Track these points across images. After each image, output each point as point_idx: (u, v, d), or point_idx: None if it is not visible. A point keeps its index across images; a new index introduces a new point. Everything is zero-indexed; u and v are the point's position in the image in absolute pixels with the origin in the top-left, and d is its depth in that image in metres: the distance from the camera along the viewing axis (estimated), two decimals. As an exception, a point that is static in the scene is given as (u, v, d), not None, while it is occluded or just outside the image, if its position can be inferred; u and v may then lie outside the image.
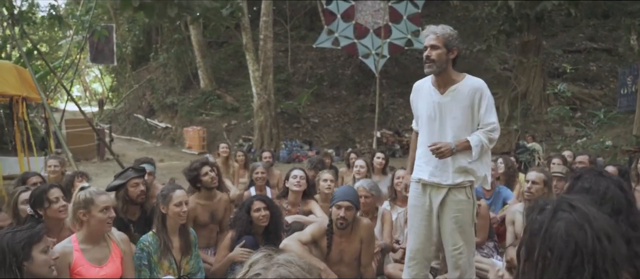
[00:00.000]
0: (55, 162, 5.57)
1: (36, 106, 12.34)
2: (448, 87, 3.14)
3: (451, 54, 3.10)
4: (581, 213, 1.29)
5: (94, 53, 15.79)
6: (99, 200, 2.91)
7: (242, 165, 7.09)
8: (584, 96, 15.18)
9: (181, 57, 20.27)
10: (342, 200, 3.47)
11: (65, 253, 2.86)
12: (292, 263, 1.14)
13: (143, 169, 4.22)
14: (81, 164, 12.62)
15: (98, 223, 2.91)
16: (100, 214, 2.90)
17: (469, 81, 3.15)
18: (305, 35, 20.49)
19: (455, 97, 3.11)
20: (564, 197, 1.35)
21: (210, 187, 4.30)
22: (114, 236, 3.09)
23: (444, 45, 3.08)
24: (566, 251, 1.23)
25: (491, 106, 3.14)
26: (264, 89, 14.61)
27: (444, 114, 3.13)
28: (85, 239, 2.94)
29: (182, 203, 3.39)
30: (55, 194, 3.35)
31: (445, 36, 3.09)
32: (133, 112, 22.24)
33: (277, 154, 13.81)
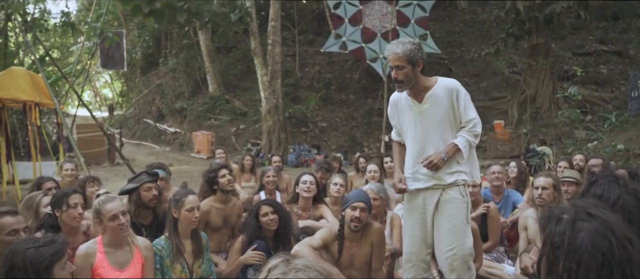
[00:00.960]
0: (71, 165, 5.64)
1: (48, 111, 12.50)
2: (423, 95, 3.18)
3: (417, 67, 3.12)
4: (601, 221, 1.26)
5: (105, 59, 15.93)
6: (105, 209, 2.95)
7: (248, 169, 7.12)
8: (594, 99, 15.07)
9: (190, 62, 20.40)
10: (357, 201, 3.48)
11: (89, 253, 2.93)
12: (310, 268, 1.17)
13: (156, 173, 4.26)
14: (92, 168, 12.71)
15: (111, 231, 2.96)
16: (109, 222, 2.94)
17: (443, 83, 3.19)
18: (313, 39, 20.55)
19: (433, 103, 3.16)
20: (579, 205, 1.33)
21: (227, 190, 4.33)
22: (137, 241, 3.14)
23: (408, 62, 3.08)
24: (594, 263, 1.20)
25: (469, 102, 3.19)
26: (272, 93, 14.67)
27: (427, 122, 3.19)
28: (109, 243, 3.01)
29: (194, 208, 3.42)
30: (74, 200, 3.40)
31: (406, 53, 3.08)
32: (142, 117, 22.40)
33: (285, 158, 13.85)
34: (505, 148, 13.26)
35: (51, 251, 2.36)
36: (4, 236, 2.72)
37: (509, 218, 4.94)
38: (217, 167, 4.36)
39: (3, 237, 2.72)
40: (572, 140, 13.06)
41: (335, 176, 5.02)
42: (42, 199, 3.69)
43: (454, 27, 20.52)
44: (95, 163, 13.40)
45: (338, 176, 5.08)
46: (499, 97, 16.45)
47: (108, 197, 3.07)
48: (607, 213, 1.32)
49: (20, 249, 2.33)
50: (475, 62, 18.41)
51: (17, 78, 7.32)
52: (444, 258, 3.24)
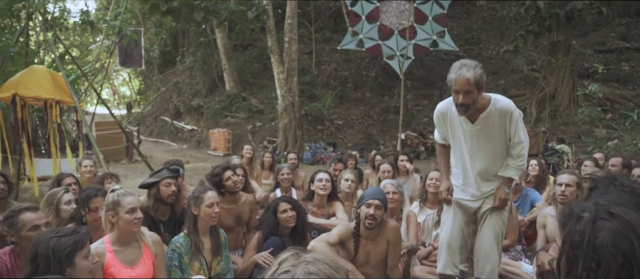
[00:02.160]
0: (90, 162, 5.72)
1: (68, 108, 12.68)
2: (477, 115, 3.16)
3: (481, 91, 3.09)
4: (623, 221, 1.24)
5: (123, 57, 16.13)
6: (125, 201, 2.97)
7: (268, 166, 7.13)
8: (615, 96, 14.79)
9: (207, 60, 20.53)
10: (372, 198, 3.49)
11: (99, 253, 2.92)
12: (320, 260, 1.19)
13: (177, 170, 4.30)
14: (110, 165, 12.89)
15: (126, 224, 2.97)
16: (126, 215, 2.95)
17: (498, 105, 3.15)
18: (330, 37, 20.52)
19: (487, 124, 3.16)
20: (600, 204, 1.31)
21: (234, 191, 4.33)
22: (145, 237, 3.14)
23: (477, 87, 3.04)
24: (614, 264, 1.19)
25: (520, 124, 3.20)
26: (288, 91, 14.69)
27: (479, 142, 3.23)
28: (117, 241, 3.01)
29: (214, 204, 3.44)
30: (95, 204, 3.43)
31: (476, 79, 3.02)
32: (160, 114, 22.61)
33: (301, 156, 13.86)
34: (523, 147, 13.06)
35: (72, 241, 2.41)
36: (25, 231, 2.77)
37: (527, 217, 4.88)
38: (220, 170, 4.35)
39: (25, 233, 2.77)
40: (591, 138, 12.84)
41: (346, 172, 5.05)
42: (63, 196, 3.75)
43: (472, 24, 20.31)
44: (113, 160, 13.57)
45: (349, 171, 5.10)
46: (517, 95, 16.24)
47: (126, 191, 3.11)
48: (629, 212, 1.30)
49: (44, 239, 2.40)
50: (493, 60, 18.20)
51: (38, 76, 7.43)
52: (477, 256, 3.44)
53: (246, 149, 7.28)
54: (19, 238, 2.79)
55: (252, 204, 4.57)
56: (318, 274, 1.14)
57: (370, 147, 15.36)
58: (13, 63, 9.29)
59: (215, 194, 3.52)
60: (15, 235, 2.80)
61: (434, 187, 4.51)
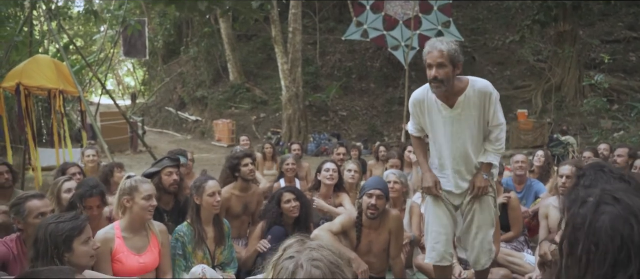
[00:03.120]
0: (93, 152, 5.74)
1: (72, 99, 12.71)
2: (456, 99, 3.05)
3: (457, 69, 2.99)
4: (625, 206, 1.24)
5: (127, 47, 16.11)
6: (142, 187, 3.04)
7: (269, 157, 7.15)
8: (622, 87, 14.68)
9: (211, 50, 20.51)
10: (374, 188, 3.49)
11: (108, 238, 2.98)
12: (324, 247, 1.23)
13: (177, 158, 4.31)
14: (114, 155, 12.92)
15: (140, 210, 3.03)
16: (142, 201, 3.02)
17: (476, 86, 3.05)
18: (334, 27, 20.43)
19: (466, 107, 3.05)
20: (606, 189, 1.31)
21: (247, 179, 4.35)
22: (153, 226, 3.19)
23: (451, 61, 2.94)
24: (611, 246, 1.19)
25: (498, 105, 3.12)
26: (292, 81, 14.66)
27: (459, 127, 3.11)
28: (127, 227, 3.06)
29: (215, 193, 3.46)
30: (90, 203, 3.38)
31: (450, 52, 2.94)
32: (164, 105, 22.65)
33: (305, 147, 13.86)
34: (528, 137, 13.02)
35: (70, 226, 2.45)
36: (32, 219, 2.81)
37: (530, 208, 4.87)
38: (242, 155, 4.37)
39: (31, 220, 2.81)
40: (597, 129, 12.76)
41: (349, 163, 5.06)
42: (63, 184, 3.76)
43: (477, 14, 20.16)
44: (118, 150, 13.61)
45: (352, 162, 5.11)
46: (523, 85, 16.15)
47: (144, 179, 3.16)
48: (633, 198, 1.29)
49: (44, 224, 2.47)
50: (499, 50, 18.07)
51: (42, 66, 7.43)
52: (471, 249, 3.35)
53: (243, 139, 7.33)
54: (26, 225, 2.83)
55: (260, 196, 4.62)
56: (322, 260, 1.18)
57: (375, 138, 15.33)
58: (17, 52, 9.30)
59: (217, 183, 3.54)
60: (21, 222, 2.84)
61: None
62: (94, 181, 3.61)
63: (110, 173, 4.77)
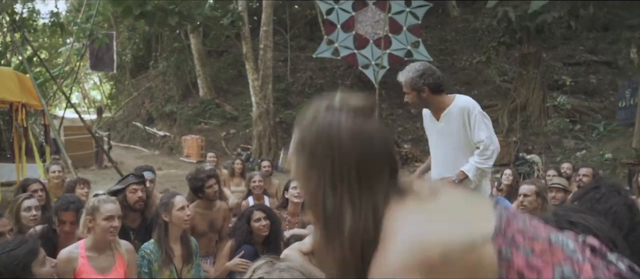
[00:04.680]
0: (58, 167, 5.56)
1: (35, 112, 12.32)
2: (441, 113, 3.34)
3: (423, 93, 3.26)
4: (583, 227, 1.27)
5: (94, 60, 15.78)
6: (104, 208, 2.91)
7: (238, 174, 7.07)
8: (583, 108, 15.21)
9: (181, 65, 20.31)
10: None
11: (71, 258, 2.88)
12: (294, 268, 1.24)
13: (142, 175, 4.22)
14: (79, 171, 12.54)
15: (101, 231, 2.91)
16: (104, 222, 2.90)
17: (458, 102, 3.31)
18: (305, 45, 20.55)
19: (448, 121, 3.31)
20: (560, 214, 1.34)
21: (212, 199, 4.28)
22: (120, 246, 3.09)
23: (412, 89, 3.26)
24: None
25: (479, 123, 3.24)
26: (263, 98, 14.63)
27: (444, 139, 3.37)
28: (91, 247, 2.95)
29: (185, 207, 3.41)
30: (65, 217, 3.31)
31: (408, 82, 3.26)
32: (132, 120, 22.23)
33: (275, 164, 13.78)
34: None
35: (24, 252, 2.33)
36: None
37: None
38: (205, 176, 4.28)
39: None
40: (560, 149, 13.15)
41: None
42: (22, 202, 3.62)
43: (446, 35, 20.64)
44: (82, 166, 13.24)
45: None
46: (489, 105, 16.53)
47: (108, 198, 3.05)
48: (588, 218, 1.33)
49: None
50: (466, 70, 18.50)
51: (4, 78, 7.18)
52: None
53: (210, 156, 7.26)
54: None
55: (226, 212, 4.52)
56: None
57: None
58: (-22, 64, 8.99)
59: (184, 199, 3.47)
60: None
61: None
62: (74, 197, 3.57)
63: (72, 189, 4.61)
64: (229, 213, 4.63)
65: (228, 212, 4.62)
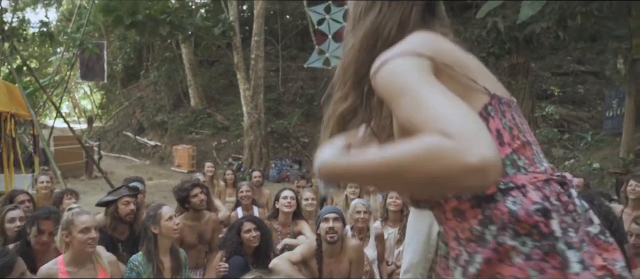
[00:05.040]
0: (46, 178, 5.51)
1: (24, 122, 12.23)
2: None
3: None
4: None
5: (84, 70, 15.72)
6: (78, 220, 2.86)
7: (230, 184, 7.04)
8: (571, 118, 15.36)
9: (172, 75, 20.26)
10: (329, 213, 3.56)
11: (51, 274, 2.82)
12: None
13: (136, 188, 4.22)
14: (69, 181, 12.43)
15: (79, 244, 2.86)
16: (80, 235, 2.84)
17: None
18: (296, 55, 20.60)
19: None
20: None
21: (199, 209, 4.26)
22: (101, 258, 3.04)
23: None
24: None
25: None
26: (254, 108, 14.62)
27: None
28: (71, 262, 2.89)
29: (173, 217, 3.41)
30: (46, 226, 3.28)
31: None
32: (122, 129, 22.10)
33: (266, 174, 13.75)
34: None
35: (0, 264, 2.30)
36: None
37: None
38: (190, 186, 4.28)
39: None
40: (549, 158, 13.25)
41: (305, 191, 5.09)
42: (7, 214, 3.59)
43: (435, 45, 20.77)
44: (72, 176, 13.13)
45: (308, 190, 5.15)
46: (479, 115, 16.66)
47: (82, 210, 3.01)
48: None
49: None
50: (456, 80, 18.61)
51: (-8, 88, 7.15)
52: None
53: (208, 166, 7.16)
54: None
55: (215, 223, 4.51)
56: None
57: (336, 164, 15.36)
58: (-34, 74, 8.93)
59: (171, 209, 3.47)
60: None
61: (394, 206, 4.53)
62: (55, 208, 3.57)
63: (60, 201, 4.58)
64: (218, 224, 4.62)
65: (218, 223, 4.61)
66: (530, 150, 1.03)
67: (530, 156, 1.03)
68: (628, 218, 4.20)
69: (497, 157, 0.75)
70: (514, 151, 1.01)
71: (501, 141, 1.00)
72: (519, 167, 1.00)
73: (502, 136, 1.00)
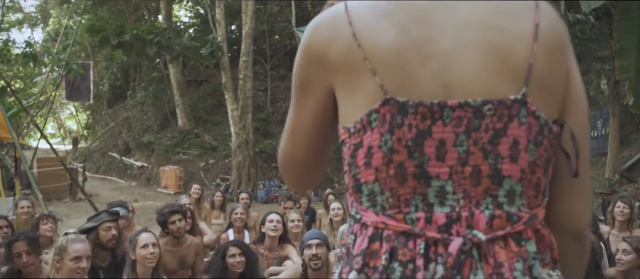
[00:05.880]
0: (27, 203, 5.40)
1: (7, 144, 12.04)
2: None
3: None
4: None
5: (70, 90, 15.56)
6: (71, 248, 2.82)
7: (218, 206, 6.93)
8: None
9: (159, 95, 20.16)
10: (311, 239, 3.52)
11: None
12: None
13: (117, 212, 4.13)
14: (52, 203, 12.23)
15: (69, 272, 2.81)
16: (70, 263, 2.80)
17: None
18: (285, 74, 20.63)
19: None
20: None
21: (177, 236, 4.16)
22: None
23: None
24: None
25: None
26: (242, 128, 14.56)
27: None
28: None
29: (148, 245, 3.29)
30: (17, 248, 3.23)
31: None
32: (108, 150, 21.86)
33: (255, 194, 13.65)
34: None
35: None
36: None
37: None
38: (168, 212, 4.18)
39: None
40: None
41: (292, 213, 5.06)
42: None
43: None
44: (56, 198, 12.92)
45: (294, 211, 5.12)
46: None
47: (78, 237, 2.97)
48: None
49: None
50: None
51: (-26, 110, 7.04)
52: None
53: (194, 188, 7.02)
54: None
55: (198, 247, 4.41)
56: None
57: (325, 185, 15.31)
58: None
59: (151, 235, 3.39)
60: None
61: None
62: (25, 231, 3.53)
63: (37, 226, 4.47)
64: (201, 248, 4.52)
65: (201, 247, 4.51)
66: (413, 187, 0.80)
67: (405, 195, 0.80)
68: (616, 239, 4.20)
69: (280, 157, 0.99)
70: (378, 181, 0.81)
71: (367, 162, 0.82)
72: (375, 203, 0.82)
73: (371, 157, 0.81)
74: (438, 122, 0.79)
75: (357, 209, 0.86)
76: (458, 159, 0.79)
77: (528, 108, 0.80)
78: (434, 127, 0.79)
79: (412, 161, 0.79)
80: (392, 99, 0.79)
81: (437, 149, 0.79)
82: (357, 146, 0.84)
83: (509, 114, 0.79)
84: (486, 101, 0.79)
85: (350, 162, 0.86)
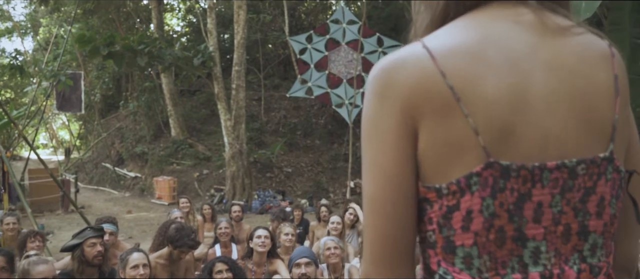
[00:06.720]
0: (13, 219, 5.29)
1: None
2: None
3: None
4: None
5: (61, 101, 15.42)
6: (35, 271, 2.74)
7: (209, 219, 6.81)
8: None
9: (152, 105, 20.02)
10: (300, 257, 3.55)
11: None
12: None
13: (101, 228, 4.03)
14: (44, 216, 12.08)
15: None
16: None
17: None
18: (279, 84, 20.58)
19: None
20: None
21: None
22: None
23: None
24: None
25: None
26: (236, 138, 14.45)
27: None
28: None
29: (139, 266, 3.25)
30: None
31: None
32: (101, 161, 21.69)
33: (249, 205, 13.52)
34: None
35: None
36: None
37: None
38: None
39: None
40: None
41: (285, 226, 4.99)
42: None
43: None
44: (48, 210, 12.76)
45: (288, 225, 5.06)
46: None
47: (40, 258, 2.84)
48: None
49: None
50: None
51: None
52: None
53: (182, 202, 6.89)
54: None
55: (188, 262, 4.33)
56: None
57: (320, 195, 15.21)
58: None
59: (142, 256, 3.33)
60: None
61: None
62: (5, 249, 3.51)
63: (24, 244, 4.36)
64: (192, 262, 4.44)
65: (192, 262, 4.45)
66: (510, 250, 0.79)
67: (502, 257, 0.79)
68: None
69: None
70: (476, 245, 0.78)
71: (465, 226, 0.78)
72: (471, 267, 0.79)
73: (470, 221, 0.78)
74: (537, 185, 0.78)
75: (447, 270, 0.82)
76: (552, 219, 0.80)
77: (614, 165, 0.81)
78: (534, 190, 0.78)
79: (511, 224, 0.78)
80: (496, 163, 0.76)
81: (535, 211, 0.79)
82: (451, 209, 0.79)
83: (598, 172, 0.80)
84: (580, 160, 0.79)
85: (443, 223, 0.81)
